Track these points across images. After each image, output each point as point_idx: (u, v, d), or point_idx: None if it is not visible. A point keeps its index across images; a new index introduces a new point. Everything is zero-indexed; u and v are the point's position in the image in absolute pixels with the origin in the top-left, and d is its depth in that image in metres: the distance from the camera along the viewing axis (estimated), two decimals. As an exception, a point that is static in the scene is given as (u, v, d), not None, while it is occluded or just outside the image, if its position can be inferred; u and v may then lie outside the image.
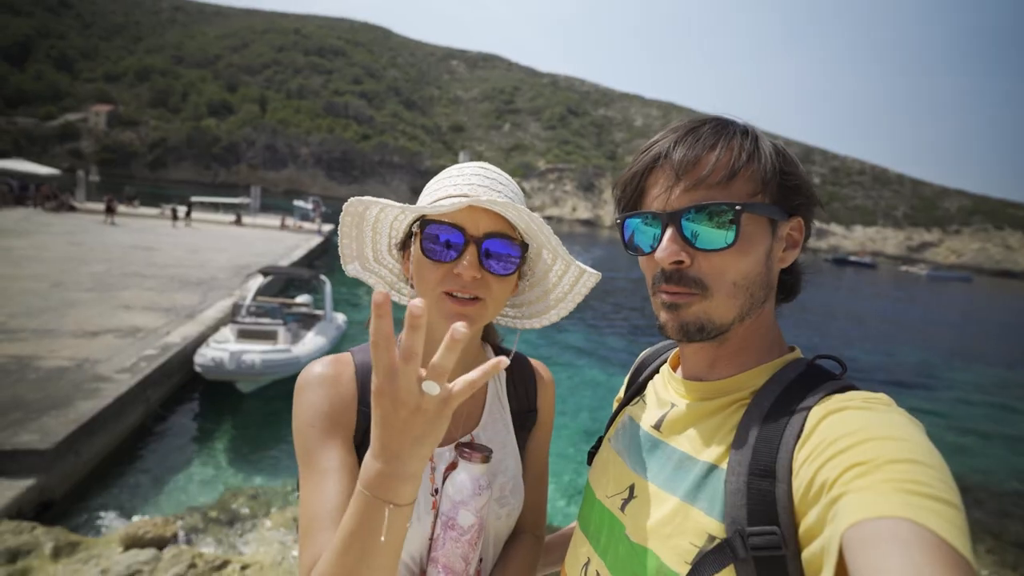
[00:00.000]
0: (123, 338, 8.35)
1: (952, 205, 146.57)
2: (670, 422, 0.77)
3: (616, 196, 0.80)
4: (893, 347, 19.43)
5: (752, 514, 0.59)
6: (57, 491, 5.37)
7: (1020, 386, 16.63)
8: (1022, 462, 10.09)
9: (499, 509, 0.91)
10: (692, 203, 0.68)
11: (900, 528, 0.44)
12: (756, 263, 0.69)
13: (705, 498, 0.66)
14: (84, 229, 19.93)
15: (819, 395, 0.63)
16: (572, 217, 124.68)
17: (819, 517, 0.53)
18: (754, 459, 0.61)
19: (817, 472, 0.54)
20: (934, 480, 0.48)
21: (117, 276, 12.58)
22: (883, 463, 0.50)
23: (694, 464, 0.70)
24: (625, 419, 0.88)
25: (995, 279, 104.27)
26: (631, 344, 15.62)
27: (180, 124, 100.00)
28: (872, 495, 0.48)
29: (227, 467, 6.76)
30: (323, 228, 29.94)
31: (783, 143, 0.72)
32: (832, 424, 0.57)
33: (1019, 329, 34.09)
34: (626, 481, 0.79)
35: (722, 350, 0.74)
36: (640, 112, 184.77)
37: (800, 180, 0.71)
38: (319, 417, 0.80)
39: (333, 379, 0.83)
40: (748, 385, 0.71)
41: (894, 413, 0.57)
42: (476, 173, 0.86)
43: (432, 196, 0.85)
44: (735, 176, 0.68)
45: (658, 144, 0.73)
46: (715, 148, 0.69)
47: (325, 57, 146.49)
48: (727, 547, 0.60)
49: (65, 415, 5.79)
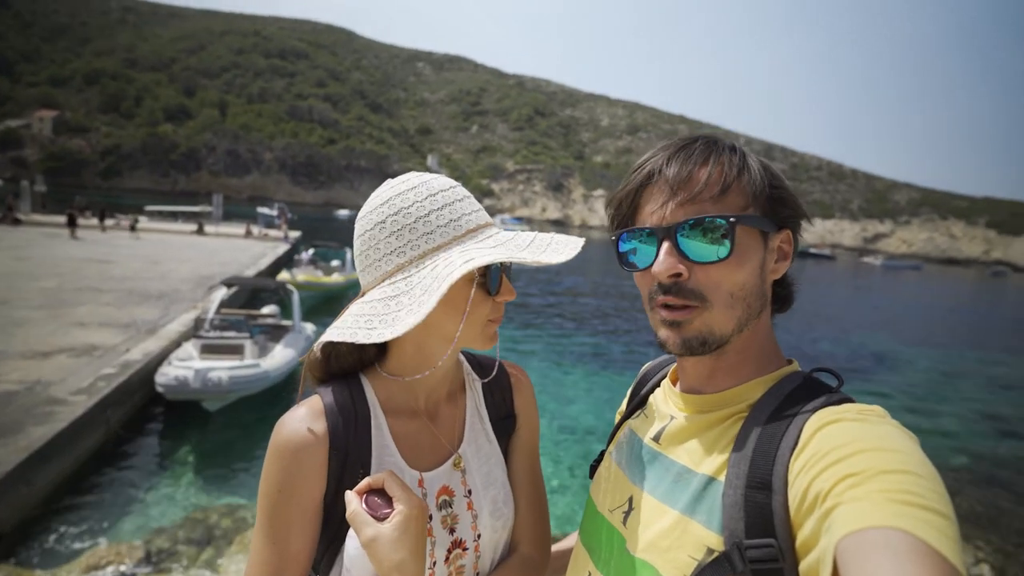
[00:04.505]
0: (78, 357, 7.95)
1: (902, 198, 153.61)
2: (669, 435, 0.77)
3: (609, 214, 0.81)
4: (854, 334, 20.22)
5: (749, 527, 0.60)
6: (6, 524, 5.07)
7: (969, 366, 17.55)
8: (971, 439, 10.66)
9: (494, 522, 0.90)
10: (687, 217, 0.69)
11: (892, 538, 0.45)
12: (751, 274, 0.71)
13: (704, 511, 0.66)
14: (31, 243, 18.92)
15: (814, 407, 0.63)
16: (542, 218, 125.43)
17: (814, 529, 0.53)
18: (751, 472, 0.62)
19: (811, 483, 0.55)
20: (927, 491, 0.48)
21: (70, 291, 11.97)
22: (876, 474, 0.50)
23: (693, 477, 0.70)
24: (626, 432, 0.89)
25: (942, 267, 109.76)
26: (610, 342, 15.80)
27: (134, 130, 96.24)
28: (865, 505, 0.48)
29: (195, 487, 6.50)
30: (290, 235, 29.23)
31: (744, 141, 0.77)
32: (826, 436, 0.58)
33: (965, 313, 35.98)
34: (626, 494, 0.79)
35: (720, 363, 0.75)
36: (606, 112, 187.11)
37: (787, 194, 0.74)
38: (287, 485, 0.78)
39: (305, 445, 0.78)
40: (746, 398, 0.72)
41: (888, 425, 0.58)
42: (468, 196, 0.85)
43: (461, 228, 0.80)
44: (727, 190, 0.69)
45: (651, 162, 0.74)
46: (707, 163, 0.71)
47: (287, 60, 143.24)
48: (725, 560, 0.61)
49: (15, 443, 5.46)
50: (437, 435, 0.90)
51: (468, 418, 0.95)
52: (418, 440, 0.88)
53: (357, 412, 0.83)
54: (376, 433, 0.84)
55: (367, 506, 0.71)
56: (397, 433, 0.86)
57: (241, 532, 5.57)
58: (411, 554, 0.68)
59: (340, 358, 0.88)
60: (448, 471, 0.89)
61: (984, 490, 8.37)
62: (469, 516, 0.88)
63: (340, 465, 0.80)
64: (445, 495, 0.87)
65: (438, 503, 0.86)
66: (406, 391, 0.88)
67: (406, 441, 0.86)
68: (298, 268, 17.27)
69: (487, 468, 0.93)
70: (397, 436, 0.86)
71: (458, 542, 0.86)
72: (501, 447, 0.97)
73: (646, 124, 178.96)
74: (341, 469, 0.80)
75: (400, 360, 0.87)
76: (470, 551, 0.88)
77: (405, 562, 0.67)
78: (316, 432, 0.79)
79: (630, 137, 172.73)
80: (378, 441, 0.84)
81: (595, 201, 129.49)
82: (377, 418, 0.85)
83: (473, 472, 0.91)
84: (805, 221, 0.76)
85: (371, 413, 0.85)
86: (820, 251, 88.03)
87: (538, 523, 0.99)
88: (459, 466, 0.90)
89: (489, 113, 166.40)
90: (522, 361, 12.86)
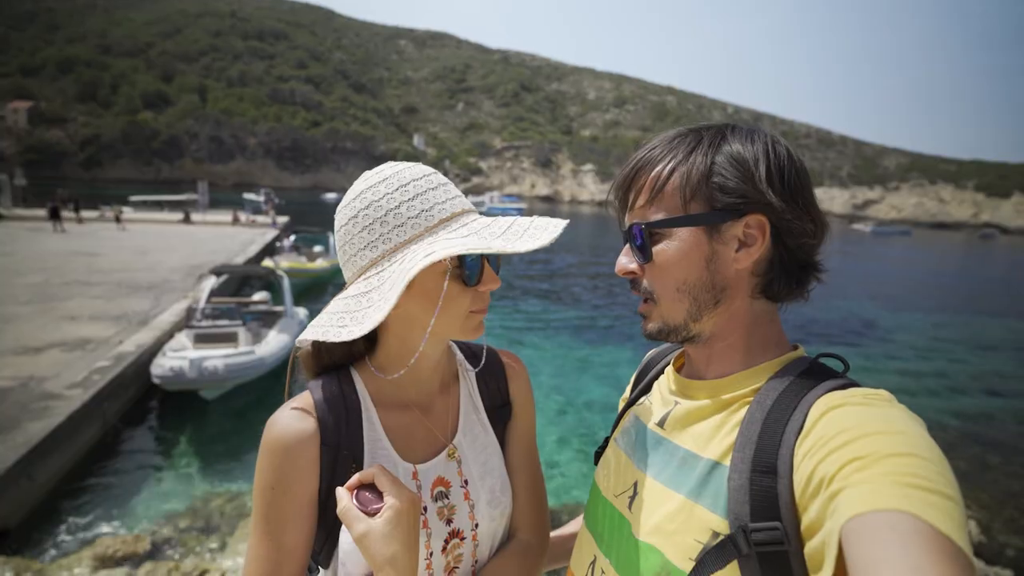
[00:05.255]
0: (71, 351, 7.90)
1: (891, 163, 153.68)
2: (673, 420, 0.78)
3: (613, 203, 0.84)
4: (842, 300, 20.44)
5: (755, 510, 0.60)
6: (12, 519, 5.10)
7: (957, 330, 17.85)
8: (959, 399, 10.91)
9: (492, 511, 0.90)
10: (630, 222, 0.76)
11: (898, 520, 0.45)
12: (695, 269, 0.72)
13: (709, 495, 0.67)
14: (13, 238, 18.60)
15: (820, 392, 0.64)
16: (531, 194, 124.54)
17: (820, 512, 0.54)
18: (756, 456, 0.62)
19: (817, 467, 0.55)
20: (932, 473, 0.49)
21: (57, 286, 11.83)
22: (881, 457, 0.51)
23: (697, 461, 0.71)
24: (631, 418, 0.89)
25: (932, 231, 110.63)
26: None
27: (113, 119, 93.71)
28: (870, 488, 0.48)
29: (196, 475, 6.56)
30: (277, 220, 28.90)
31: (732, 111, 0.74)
32: (831, 420, 0.58)
33: (952, 277, 36.42)
34: (631, 479, 0.80)
35: (711, 349, 0.76)
36: (593, 85, 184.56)
37: (748, 183, 0.69)
38: (280, 482, 0.78)
39: (296, 442, 0.79)
40: (750, 383, 0.72)
41: (893, 408, 0.58)
42: (443, 183, 0.82)
43: (433, 218, 0.77)
44: (659, 194, 0.73)
45: (626, 165, 0.79)
46: (645, 170, 0.74)
47: (266, 41, 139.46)
48: (730, 543, 0.61)
49: (13, 439, 5.46)
50: (430, 427, 0.89)
51: (462, 408, 0.94)
52: (411, 432, 0.87)
53: (348, 407, 0.83)
54: (368, 427, 0.84)
55: (358, 501, 0.71)
56: (389, 426, 0.86)
57: (244, 518, 5.63)
58: (403, 547, 0.68)
59: (330, 351, 0.88)
60: (443, 462, 0.88)
61: (971, 448, 8.61)
62: (466, 506, 0.88)
63: (332, 460, 0.80)
64: (441, 486, 0.87)
65: (434, 494, 0.85)
66: (395, 384, 0.87)
67: (398, 434, 0.86)
68: (280, 255, 17.03)
69: (483, 457, 0.93)
70: (389, 429, 0.85)
71: (456, 532, 0.87)
72: (497, 435, 0.97)
73: (633, 96, 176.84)
74: (333, 464, 0.80)
75: (386, 353, 0.86)
76: (468, 540, 0.88)
77: (397, 555, 0.67)
78: (307, 429, 0.79)
79: (617, 110, 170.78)
80: (370, 435, 0.84)
81: (584, 176, 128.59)
82: (368, 412, 0.85)
83: (469, 462, 0.91)
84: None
85: (362, 407, 0.85)
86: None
87: (536, 509, 0.99)
88: (454, 456, 0.89)
89: (474, 90, 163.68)
90: (516, 341, 12.95)
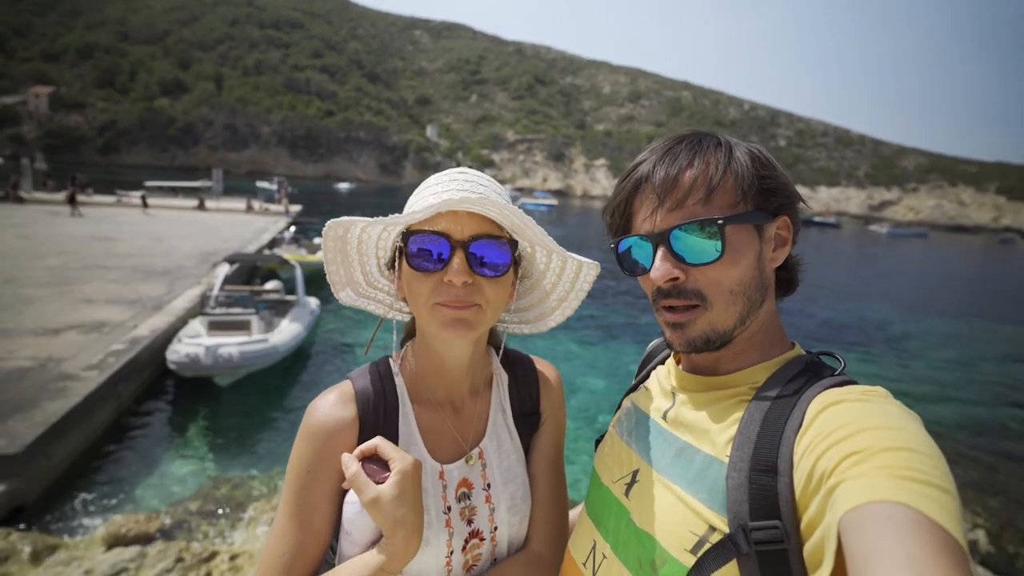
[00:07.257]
0: (87, 334, 8.05)
1: (910, 163, 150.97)
2: (673, 411, 0.79)
3: (606, 222, 0.83)
4: (856, 302, 20.21)
5: (754, 509, 0.60)
6: (29, 495, 5.23)
7: (971, 336, 17.57)
8: (973, 407, 10.75)
9: (511, 516, 0.91)
10: (678, 222, 0.71)
11: (894, 512, 0.46)
12: (748, 268, 0.72)
13: (705, 489, 0.68)
14: (33, 221, 18.91)
15: (818, 390, 0.65)
16: (543, 188, 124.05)
17: (819, 507, 0.54)
18: (755, 455, 0.63)
19: (815, 463, 0.56)
20: (928, 467, 0.49)
21: (75, 269, 12.03)
22: (878, 451, 0.51)
23: (695, 454, 0.71)
24: (628, 406, 0.91)
25: (950, 234, 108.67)
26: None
27: (130, 105, 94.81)
28: (867, 481, 0.49)
29: (207, 459, 6.67)
30: (290, 209, 29.10)
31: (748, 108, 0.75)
32: (829, 417, 0.59)
33: (970, 282, 35.76)
34: (629, 466, 0.82)
35: (725, 352, 0.76)
36: (608, 79, 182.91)
37: (778, 181, 0.74)
38: (316, 466, 0.81)
39: (336, 429, 0.82)
40: (750, 380, 0.73)
41: (890, 405, 0.59)
42: (454, 179, 0.84)
43: (411, 208, 0.84)
44: (714, 190, 0.71)
45: (639, 168, 0.76)
46: (692, 166, 0.72)
47: (282, 30, 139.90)
48: (730, 542, 0.61)
49: (32, 417, 5.59)
50: (459, 428, 0.91)
51: (491, 413, 0.95)
52: (441, 432, 0.89)
53: (387, 400, 0.86)
54: (403, 422, 0.86)
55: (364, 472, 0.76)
56: (423, 424, 0.88)
57: (254, 502, 5.73)
58: (411, 508, 0.74)
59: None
60: (468, 465, 0.90)
61: (984, 457, 8.48)
62: (487, 509, 0.89)
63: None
64: (464, 487, 0.88)
65: (457, 495, 0.87)
66: (428, 383, 0.90)
67: (430, 433, 0.88)
68: (280, 248, 17.08)
69: (507, 464, 0.94)
70: (423, 427, 0.88)
71: (475, 532, 0.88)
72: (523, 444, 0.97)
73: (648, 91, 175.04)
74: None
75: (419, 337, 0.92)
76: (487, 541, 0.89)
77: (407, 516, 0.73)
78: (347, 417, 0.83)
79: (632, 105, 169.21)
80: (404, 430, 0.86)
81: (597, 170, 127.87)
82: (404, 407, 0.87)
83: (493, 467, 0.92)
84: (809, 191, 0.75)
85: (399, 401, 0.87)
86: (825, 219, 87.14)
87: (553, 522, 0.97)
88: (479, 460, 0.91)
89: (488, 82, 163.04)
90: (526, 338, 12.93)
